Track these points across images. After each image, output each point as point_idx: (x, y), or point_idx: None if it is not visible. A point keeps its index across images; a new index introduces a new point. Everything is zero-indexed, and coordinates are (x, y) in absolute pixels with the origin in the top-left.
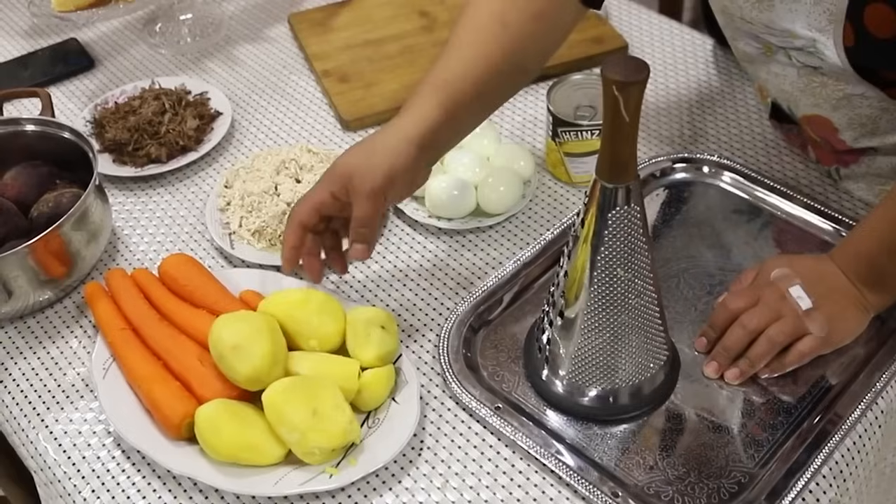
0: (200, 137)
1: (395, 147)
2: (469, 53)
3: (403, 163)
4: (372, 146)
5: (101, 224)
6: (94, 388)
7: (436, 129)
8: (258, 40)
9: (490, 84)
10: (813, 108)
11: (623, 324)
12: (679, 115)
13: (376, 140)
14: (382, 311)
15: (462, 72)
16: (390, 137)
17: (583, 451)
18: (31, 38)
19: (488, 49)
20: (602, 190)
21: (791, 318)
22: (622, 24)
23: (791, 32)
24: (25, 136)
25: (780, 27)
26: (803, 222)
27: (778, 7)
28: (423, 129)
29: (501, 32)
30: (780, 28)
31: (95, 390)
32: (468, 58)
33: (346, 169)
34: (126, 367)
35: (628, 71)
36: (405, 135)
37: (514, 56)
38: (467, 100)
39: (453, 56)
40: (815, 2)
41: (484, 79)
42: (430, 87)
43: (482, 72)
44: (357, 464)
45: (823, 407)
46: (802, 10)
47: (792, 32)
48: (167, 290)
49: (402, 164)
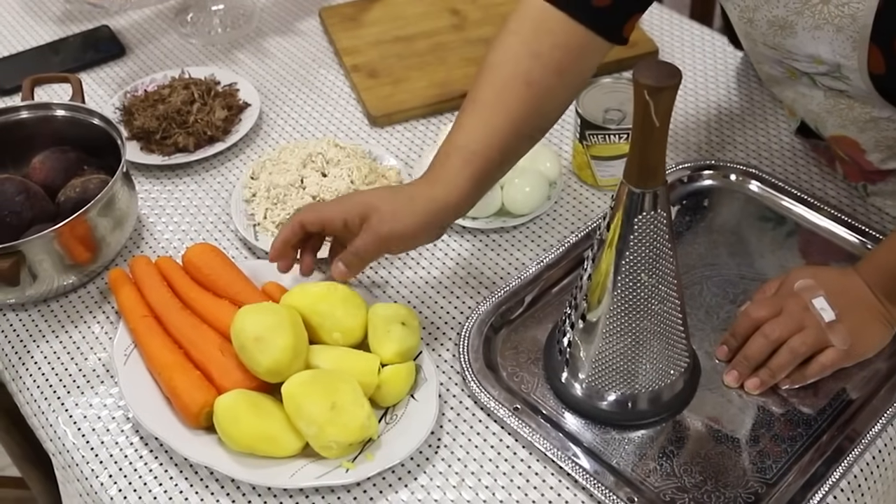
0: (228, 128)
1: (424, 210)
2: (497, 120)
3: (424, 228)
4: (402, 198)
5: (127, 211)
6: (115, 374)
7: (464, 201)
8: (288, 33)
9: (515, 146)
10: (840, 129)
11: (645, 329)
12: (707, 122)
13: (408, 194)
14: (404, 308)
15: (490, 141)
16: (421, 200)
17: (600, 455)
18: (64, 24)
19: (515, 113)
20: (629, 194)
21: (814, 329)
22: (653, 29)
23: (815, 58)
24: (55, 121)
25: (804, 53)
26: (829, 234)
27: (801, 34)
28: (452, 201)
29: (526, 92)
30: (804, 54)
31: (116, 376)
32: (496, 125)
33: (370, 206)
34: (147, 354)
35: (660, 76)
36: (435, 204)
37: (538, 113)
38: (494, 167)
39: (481, 122)
40: (838, 28)
41: (511, 144)
42: (461, 159)
43: (510, 137)
44: (374, 459)
45: (844, 420)
46: (825, 37)
47: (816, 58)
48: (190, 279)
49: (422, 229)
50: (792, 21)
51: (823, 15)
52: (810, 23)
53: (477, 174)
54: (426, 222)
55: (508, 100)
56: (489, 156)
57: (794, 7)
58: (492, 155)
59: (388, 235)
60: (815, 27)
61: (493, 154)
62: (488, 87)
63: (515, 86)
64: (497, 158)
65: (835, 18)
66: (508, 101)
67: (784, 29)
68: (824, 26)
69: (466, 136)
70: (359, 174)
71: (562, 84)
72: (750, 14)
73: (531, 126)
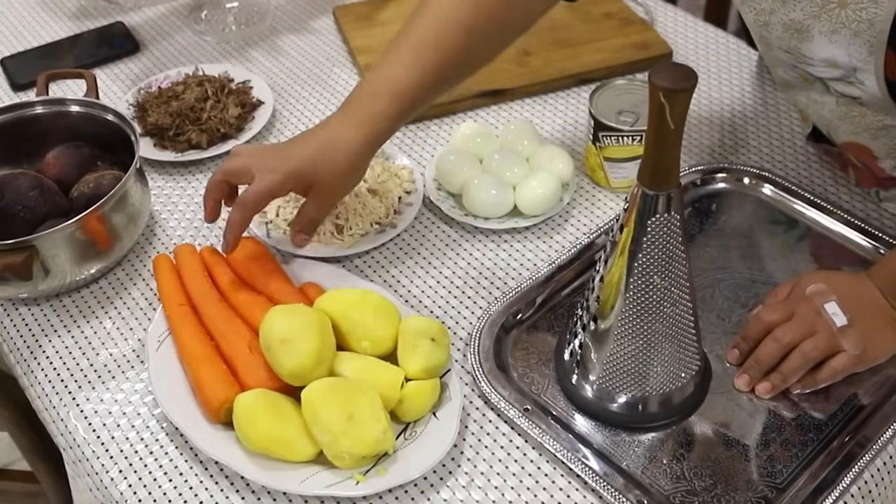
0: (241, 125)
1: (356, 152)
2: (432, 62)
3: (361, 167)
4: (333, 150)
5: (141, 207)
6: (146, 359)
7: (387, 135)
8: (302, 31)
9: (437, 91)
10: (852, 135)
11: (657, 332)
12: (721, 125)
13: (338, 143)
14: (436, 323)
15: (422, 82)
16: (349, 141)
17: (610, 457)
18: (78, 20)
19: (451, 57)
20: (643, 196)
21: (825, 334)
22: (667, 31)
23: (831, 62)
24: (69, 116)
25: (820, 57)
26: (842, 238)
27: (817, 38)
28: (379, 135)
29: (465, 39)
30: (820, 58)
31: (147, 361)
32: (430, 67)
33: (309, 169)
34: (179, 342)
35: (676, 78)
36: (364, 140)
37: (469, 61)
38: (416, 108)
39: (416, 61)
40: (855, 33)
41: (436, 88)
42: (390, 98)
43: (439, 81)
44: (386, 474)
45: (855, 426)
46: (842, 41)
47: (832, 62)
48: (231, 271)
49: (359, 168)
50: (808, 25)
51: (840, 19)
52: (827, 27)
53: (402, 114)
54: (362, 165)
55: (447, 44)
56: (416, 96)
57: (810, 11)
58: (418, 95)
59: (334, 196)
60: (831, 31)
61: (420, 95)
62: (428, 27)
63: (455, 31)
64: (421, 99)
65: (852, 23)
66: (447, 45)
67: (800, 33)
68: (841, 30)
69: (398, 74)
70: (371, 173)
71: (499, 36)
72: (766, 17)
73: (459, 73)
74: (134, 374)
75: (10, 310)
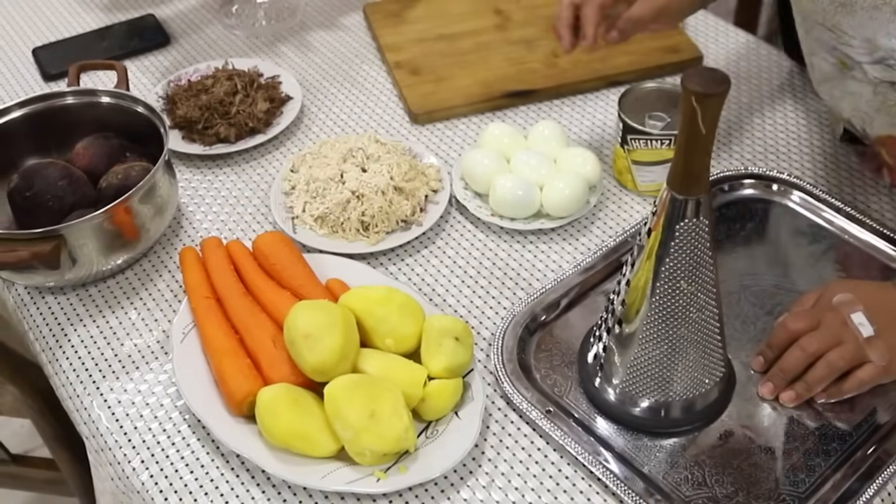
0: (270, 120)
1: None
2: None
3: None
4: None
5: (168, 199)
6: (170, 351)
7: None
8: (332, 28)
9: None
10: (888, 127)
11: (682, 337)
12: (751, 130)
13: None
14: (460, 323)
15: None
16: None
17: (631, 461)
18: (110, 12)
19: None
20: (672, 200)
21: (852, 344)
22: (698, 35)
23: (871, 41)
24: (100, 107)
25: (861, 35)
26: (870, 247)
27: (859, 13)
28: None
29: None
30: (861, 37)
31: (171, 353)
32: None
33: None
34: (203, 335)
35: (708, 82)
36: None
37: None
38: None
39: None
40: (895, 11)
41: None
42: None
43: None
44: (407, 472)
45: (879, 437)
46: (883, 18)
47: (873, 42)
48: (257, 265)
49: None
50: None
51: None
52: (869, 2)
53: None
54: None
55: None
56: None
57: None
58: None
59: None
60: (873, 7)
61: None
62: None
63: None
64: None
65: (893, 0)
66: None
67: (844, 7)
68: (882, 7)
69: None
70: (398, 171)
71: None
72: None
73: None
74: (158, 365)
75: (36, 298)
